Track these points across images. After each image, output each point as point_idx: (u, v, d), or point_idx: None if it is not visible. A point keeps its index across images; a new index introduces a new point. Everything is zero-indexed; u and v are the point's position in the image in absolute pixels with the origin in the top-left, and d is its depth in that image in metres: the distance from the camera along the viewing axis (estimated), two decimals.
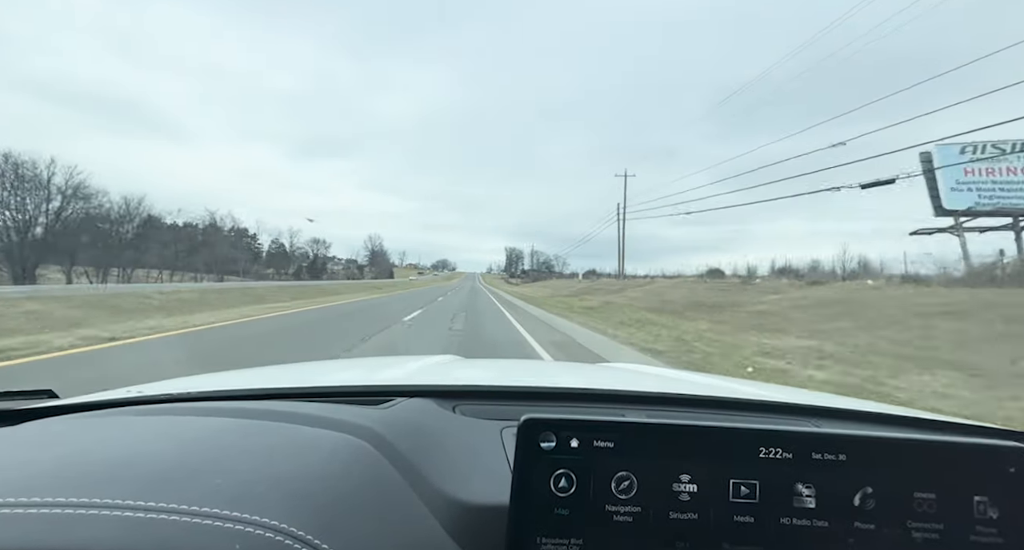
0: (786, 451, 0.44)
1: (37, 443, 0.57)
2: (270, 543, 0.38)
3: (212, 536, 0.37)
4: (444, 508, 0.52)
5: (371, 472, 0.53)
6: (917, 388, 5.36)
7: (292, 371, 1.29)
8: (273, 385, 0.95)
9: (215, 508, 0.40)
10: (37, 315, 11.22)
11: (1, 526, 0.36)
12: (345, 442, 0.58)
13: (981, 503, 0.43)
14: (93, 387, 0.99)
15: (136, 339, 7.73)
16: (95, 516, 0.37)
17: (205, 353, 6.93)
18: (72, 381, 4.76)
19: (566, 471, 0.44)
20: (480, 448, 0.67)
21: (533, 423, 0.45)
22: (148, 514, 0.38)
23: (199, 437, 0.57)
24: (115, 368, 5.54)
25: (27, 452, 0.53)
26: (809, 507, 0.43)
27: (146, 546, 0.36)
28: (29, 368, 5.38)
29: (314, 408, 0.71)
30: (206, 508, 0.39)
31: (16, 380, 4.82)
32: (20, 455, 0.52)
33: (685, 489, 0.44)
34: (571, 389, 0.97)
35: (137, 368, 5.55)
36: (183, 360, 6.09)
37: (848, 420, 0.87)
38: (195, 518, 0.38)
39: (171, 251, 48.19)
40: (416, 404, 0.79)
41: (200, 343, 7.84)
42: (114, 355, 6.42)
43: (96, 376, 5.08)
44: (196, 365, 5.56)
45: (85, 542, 0.35)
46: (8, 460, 0.50)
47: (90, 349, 6.71)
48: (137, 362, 6.04)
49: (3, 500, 0.38)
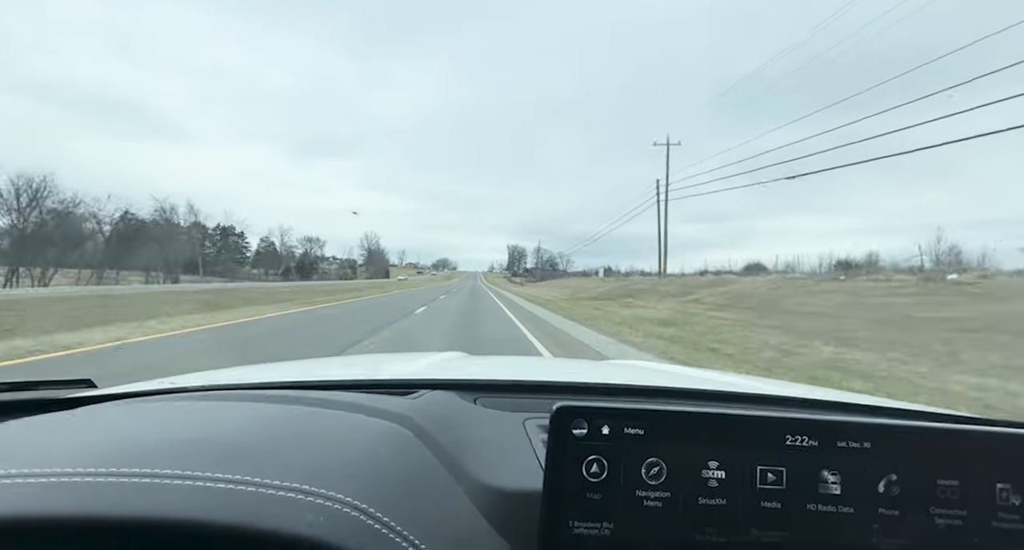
0: (812, 439, 0.45)
1: (102, 425, 0.58)
2: (349, 519, 0.39)
3: (294, 507, 0.39)
4: (480, 494, 0.53)
5: (417, 458, 0.55)
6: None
7: (312, 366, 1.30)
8: (300, 378, 0.94)
9: (295, 483, 0.41)
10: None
11: (92, 493, 0.37)
12: (391, 429, 0.58)
13: (1004, 490, 0.44)
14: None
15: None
16: (180, 486, 0.39)
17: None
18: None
19: (598, 457, 0.45)
20: (505, 438, 0.68)
21: (566, 410, 0.46)
22: (230, 485, 0.39)
23: (256, 420, 0.57)
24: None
25: (96, 431, 0.54)
26: (834, 493, 0.44)
27: (232, 514, 0.37)
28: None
29: (357, 397, 0.71)
30: (286, 482, 0.41)
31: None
32: (90, 434, 0.53)
33: (713, 476, 0.45)
34: (586, 384, 0.98)
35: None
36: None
37: (868, 414, 0.86)
38: (277, 491, 0.40)
39: (95, 247, 39.58)
40: (440, 396, 0.80)
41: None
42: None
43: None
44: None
45: (173, 508, 0.37)
46: (81, 437, 0.51)
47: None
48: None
49: (96, 469, 0.40)
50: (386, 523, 0.40)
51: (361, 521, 0.39)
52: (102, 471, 0.39)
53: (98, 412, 0.64)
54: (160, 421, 0.58)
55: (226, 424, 0.56)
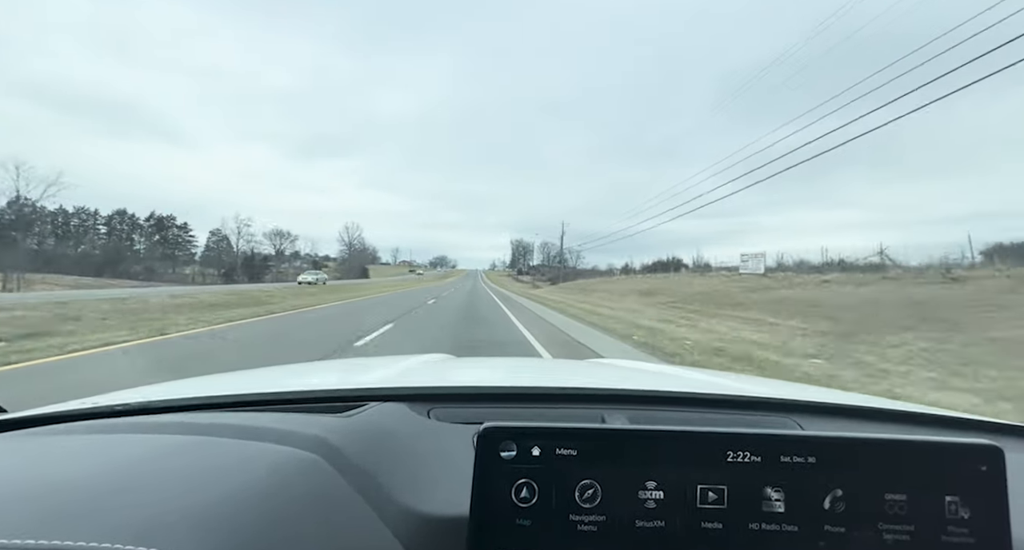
0: (754, 454, 0.43)
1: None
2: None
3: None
4: (403, 520, 0.50)
5: (316, 486, 0.50)
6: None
7: (263, 376, 1.24)
8: (231, 392, 0.87)
9: (116, 543, 0.37)
10: None
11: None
12: (289, 456, 0.54)
13: (953, 503, 0.42)
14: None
15: None
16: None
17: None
18: None
19: (528, 480, 0.43)
20: (451, 454, 0.64)
21: (493, 431, 0.44)
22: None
23: (123, 460, 0.53)
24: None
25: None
26: (778, 511, 0.43)
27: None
28: None
29: (264, 419, 0.67)
30: (106, 544, 0.37)
31: None
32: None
33: (651, 496, 0.43)
34: (550, 389, 0.94)
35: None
36: None
37: (829, 415, 0.86)
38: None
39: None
40: (387, 409, 0.77)
41: None
42: None
43: None
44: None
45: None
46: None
47: None
48: None
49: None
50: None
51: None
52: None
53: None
54: (10, 466, 0.53)
55: (84, 467, 0.50)
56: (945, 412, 0.88)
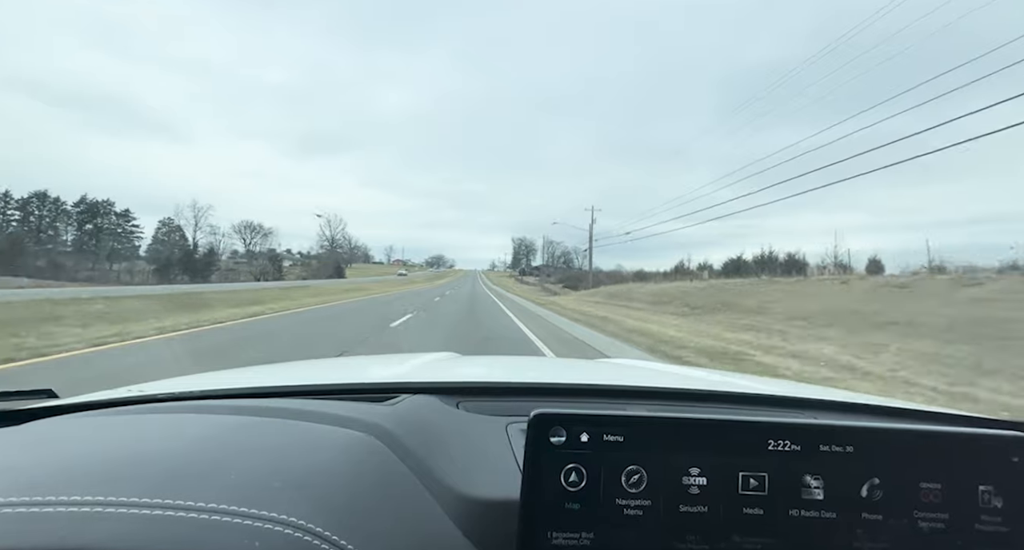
0: (794, 443, 0.44)
1: (46, 442, 0.56)
2: (291, 540, 0.37)
3: (231, 533, 0.37)
4: (454, 504, 0.52)
5: (383, 469, 0.53)
6: None
7: (293, 369, 1.27)
8: (277, 383, 0.91)
9: (232, 505, 0.39)
10: None
11: (19, 526, 0.36)
12: (356, 439, 0.57)
13: (986, 492, 0.43)
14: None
15: None
16: (111, 514, 0.37)
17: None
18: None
19: (576, 465, 0.44)
20: (486, 444, 0.66)
21: (544, 418, 0.45)
22: (165, 511, 0.37)
23: (208, 435, 0.55)
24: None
25: (37, 452, 0.53)
26: (817, 499, 0.44)
27: (164, 543, 0.35)
28: None
29: (323, 405, 0.69)
30: (224, 505, 0.39)
31: None
32: (30, 455, 0.52)
33: (695, 482, 0.44)
34: (574, 385, 0.96)
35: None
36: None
37: (849, 413, 0.86)
38: (213, 515, 0.38)
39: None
40: (421, 401, 0.78)
41: None
42: None
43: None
44: None
45: (103, 540, 0.35)
46: (19, 460, 0.50)
47: None
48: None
49: (19, 499, 0.38)
50: (335, 542, 0.38)
51: (305, 542, 0.37)
52: (25, 500, 0.37)
53: (47, 428, 0.62)
54: (105, 438, 0.56)
55: (174, 440, 0.54)
56: (966, 412, 0.88)
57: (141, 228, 59.12)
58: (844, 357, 7.80)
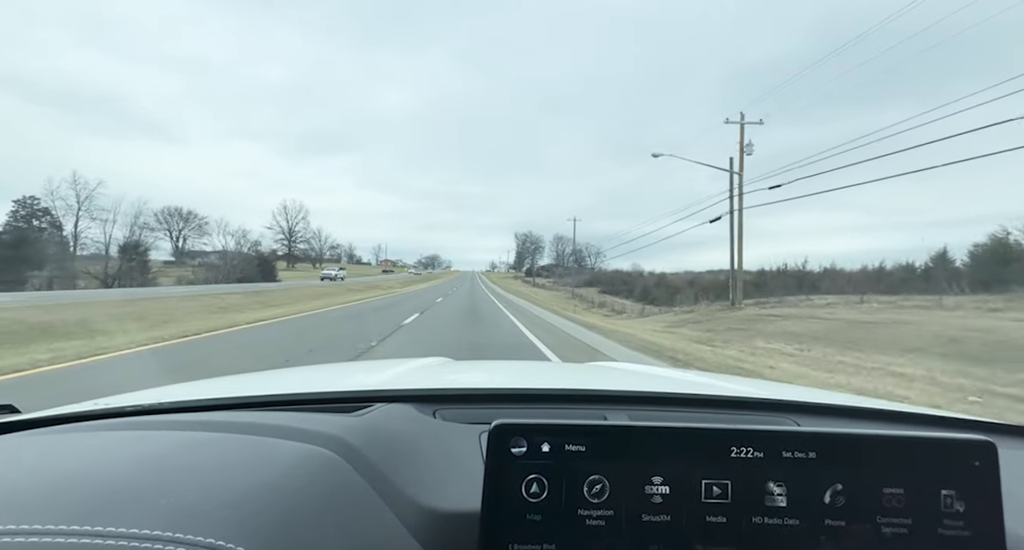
0: (757, 450, 0.44)
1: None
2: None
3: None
4: (416, 517, 0.51)
5: (336, 483, 0.52)
6: None
7: (268, 378, 1.25)
8: (243, 394, 0.89)
9: (156, 530, 0.38)
10: None
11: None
12: (310, 453, 0.55)
13: (948, 497, 0.43)
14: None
15: None
16: (28, 543, 0.36)
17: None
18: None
19: (538, 476, 0.44)
20: (458, 453, 0.66)
21: (504, 428, 0.45)
22: (83, 539, 0.37)
23: (152, 454, 0.54)
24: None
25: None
26: (780, 506, 0.44)
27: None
28: None
29: (281, 418, 0.68)
30: (145, 530, 0.38)
31: None
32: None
33: (657, 491, 0.44)
34: (552, 390, 0.95)
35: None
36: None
37: (824, 415, 0.87)
38: (132, 541, 0.37)
39: None
40: (394, 409, 0.77)
41: None
42: None
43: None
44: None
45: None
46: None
47: None
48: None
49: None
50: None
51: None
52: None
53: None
54: (45, 459, 0.54)
55: (115, 461, 0.52)
56: (939, 412, 0.89)
57: (59, 222, 40.59)
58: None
